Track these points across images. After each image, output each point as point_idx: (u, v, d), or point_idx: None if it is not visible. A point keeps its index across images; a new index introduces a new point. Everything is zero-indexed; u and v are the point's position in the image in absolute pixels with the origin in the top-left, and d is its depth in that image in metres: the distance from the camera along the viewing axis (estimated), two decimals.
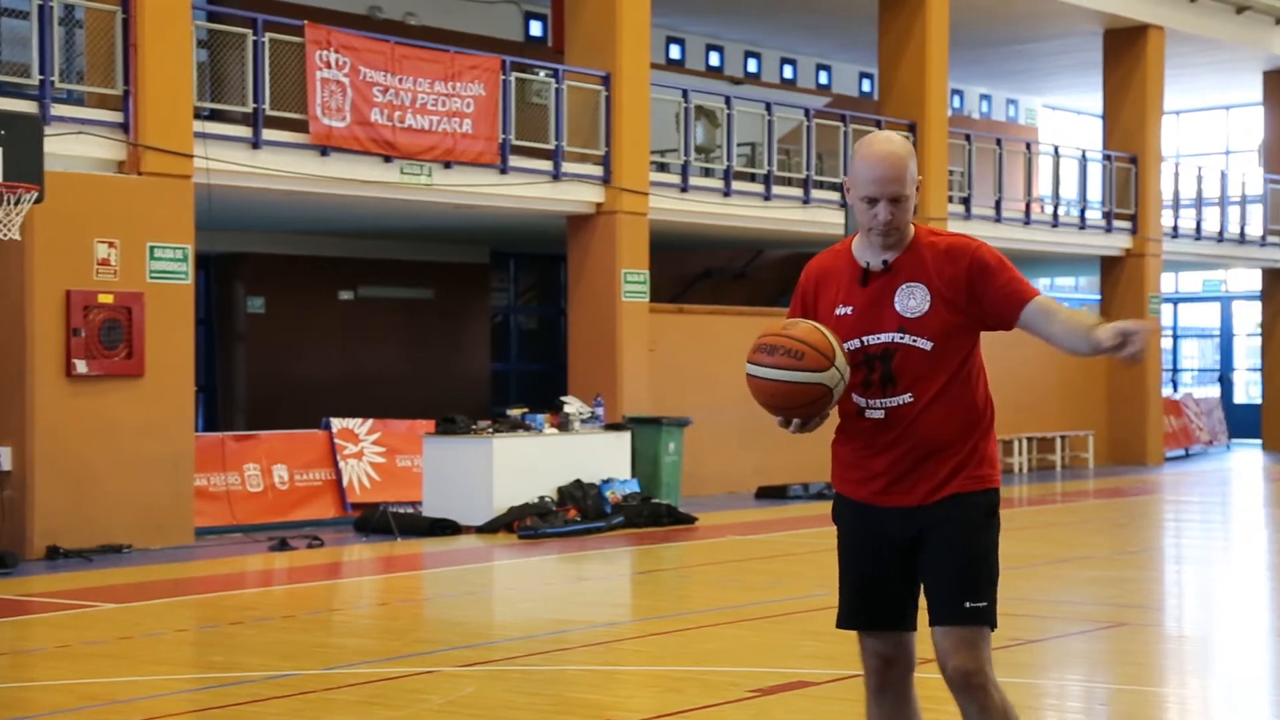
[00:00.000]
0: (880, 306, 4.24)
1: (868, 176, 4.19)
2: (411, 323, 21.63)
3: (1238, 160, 32.00)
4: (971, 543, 4.24)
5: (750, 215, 19.53)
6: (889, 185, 4.17)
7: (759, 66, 26.34)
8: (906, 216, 4.22)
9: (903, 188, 4.18)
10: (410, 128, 15.62)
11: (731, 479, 19.23)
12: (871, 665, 4.37)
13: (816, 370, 4.09)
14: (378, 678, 7.71)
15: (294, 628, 9.55)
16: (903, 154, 4.20)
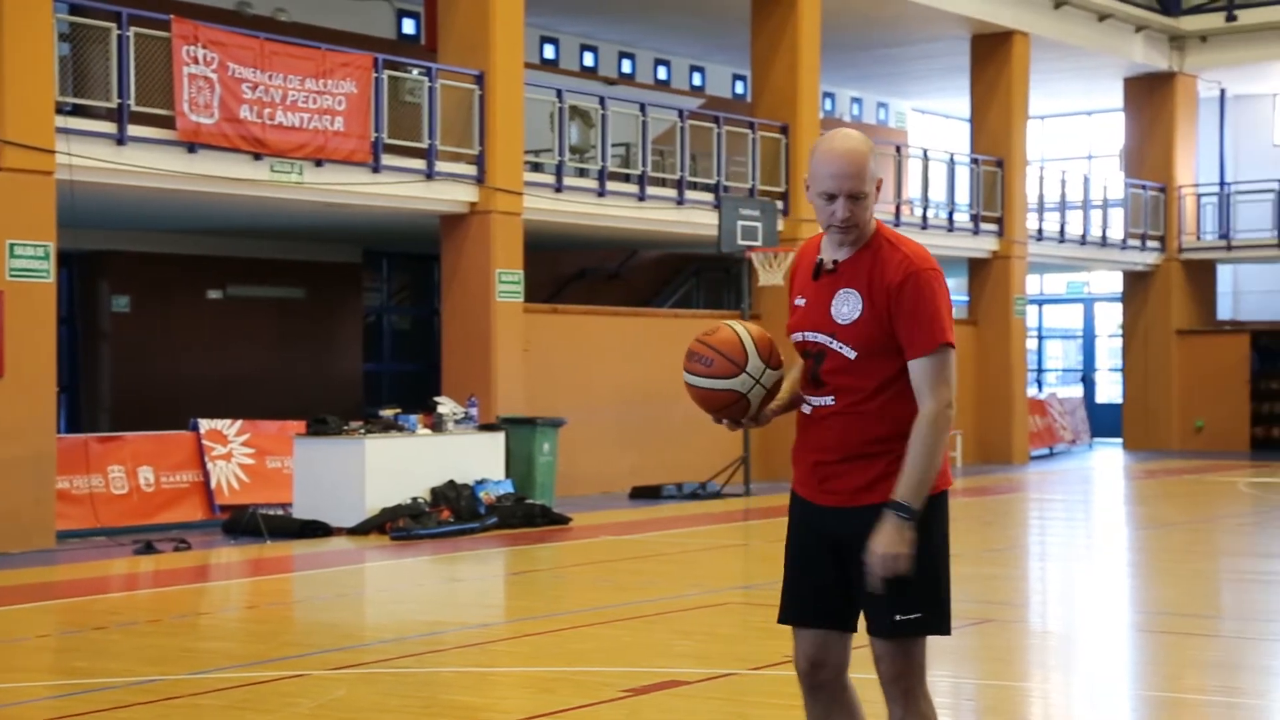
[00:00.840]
0: (821, 306, 4.23)
1: (826, 172, 4.18)
2: (282, 323, 21.36)
3: (1100, 165, 32.71)
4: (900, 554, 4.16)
5: (624, 215, 19.56)
6: (847, 181, 4.15)
7: (633, 67, 26.40)
8: (865, 215, 4.20)
9: (861, 184, 4.16)
10: (280, 125, 15.41)
11: (606, 479, 19.24)
12: (800, 666, 4.34)
13: (724, 377, 4.20)
14: (246, 682, 7.60)
15: (160, 632, 9.38)
16: (863, 150, 4.18)
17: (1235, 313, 31.50)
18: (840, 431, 4.20)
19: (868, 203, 4.20)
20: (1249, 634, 9.31)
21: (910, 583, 4.13)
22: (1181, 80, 28.98)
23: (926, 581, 4.18)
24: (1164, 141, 29.17)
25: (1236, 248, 29.23)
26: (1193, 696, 7.46)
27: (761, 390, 4.20)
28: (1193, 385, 28.76)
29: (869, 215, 4.23)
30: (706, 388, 4.23)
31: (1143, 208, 28.68)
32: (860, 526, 4.16)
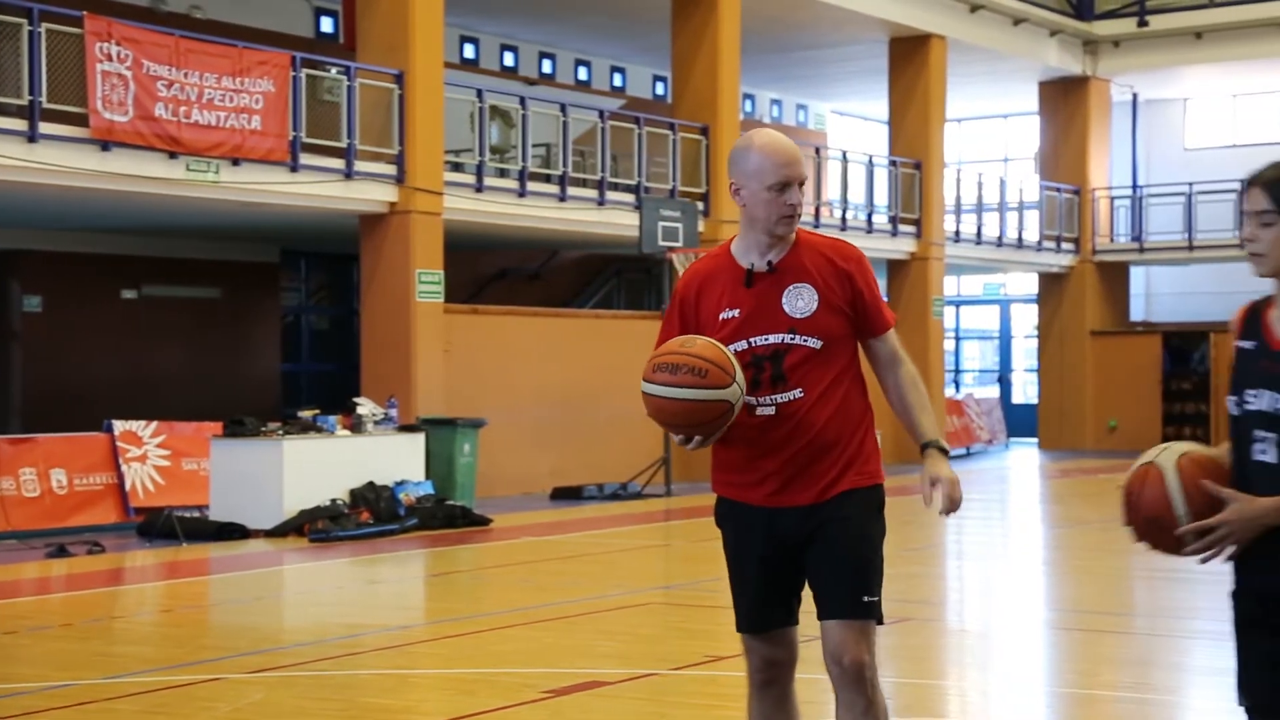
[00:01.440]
0: (768, 307, 4.22)
1: (776, 162, 4.22)
2: (198, 323, 21.13)
3: (1015, 168, 33.08)
4: (864, 537, 4.26)
5: (545, 216, 19.53)
6: (797, 167, 4.24)
7: (554, 68, 26.37)
8: (800, 198, 4.30)
9: (799, 171, 4.26)
10: (196, 123, 15.25)
11: (527, 480, 19.20)
12: (756, 664, 4.34)
13: (720, 387, 4.04)
14: (162, 686, 7.51)
15: (72, 636, 9.25)
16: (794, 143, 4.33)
17: (1147, 314, 31.97)
18: (813, 424, 4.21)
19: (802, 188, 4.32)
20: (1160, 631, 9.44)
21: (872, 564, 4.24)
22: (1095, 84, 29.37)
23: (881, 566, 4.29)
24: (1078, 145, 29.55)
25: (1149, 250, 29.67)
26: (1106, 693, 7.56)
27: (742, 401, 4.12)
28: (1106, 386, 29.15)
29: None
30: (700, 399, 4.03)
31: (1057, 210, 29.03)
32: (820, 520, 4.22)
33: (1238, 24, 27.65)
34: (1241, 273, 32.39)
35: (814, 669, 4.34)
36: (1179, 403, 28.71)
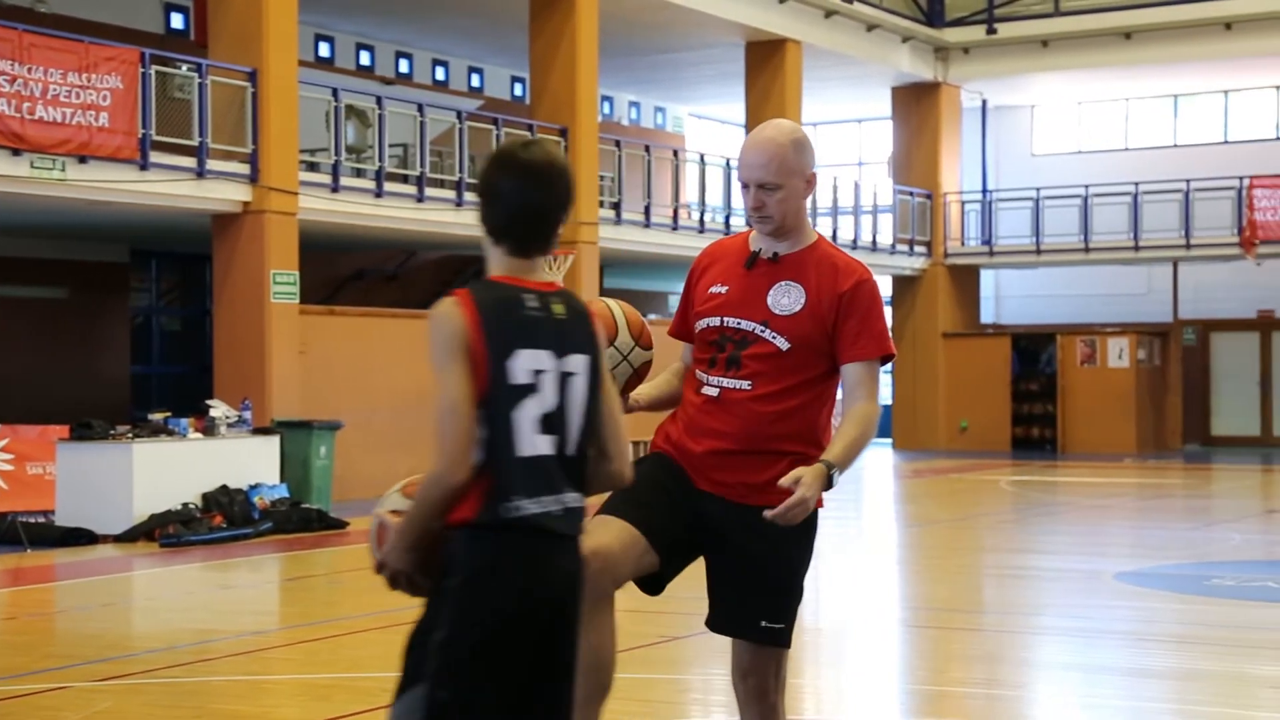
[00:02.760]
0: (753, 294, 4.17)
1: (741, 160, 4.21)
2: (44, 324, 20.63)
3: (869, 171, 33.57)
4: (783, 560, 4.18)
5: (403, 217, 19.38)
6: (757, 170, 4.15)
7: (410, 67, 26.19)
8: (784, 207, 4.17)
9: (770, 175, 4.14)
10: (41, 120, 14.89)
11: (384, 483, 18.86)
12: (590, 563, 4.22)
13: None
14: (5, 696, 7.31)
15: None
16: (781, 141, 4.16)
17: (997, 316, 32.63)
18: (749, 419, 4.12)
19: (784, 195, 4.17)
20: (1009, 627, 9.64)
21: (787, 589, 4.16)
22: (946, 90, 29.91)
23: (797, 591, 4.21)
24: (930, 149, 30.07)
25: (998, 253, 30.28)
26: (956, 689, 7.70)
27: (628, 368, 4.05)
28: (958, 387, 29.69)
29: (792, 209, 4.20)
30: None
31: (910, 214, 29.51)
32: (740, 524, 4.10)
33: (1083, 33, 28.36)
34: (1086, 276, 33.45)
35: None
36: (1027, 403, 29.33)
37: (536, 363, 3.26)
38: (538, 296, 3.36)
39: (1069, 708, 7.29)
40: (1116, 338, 28.62)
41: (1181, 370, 29.95)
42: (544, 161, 3.39)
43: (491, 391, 3.23)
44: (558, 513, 3.26)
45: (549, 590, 3.24)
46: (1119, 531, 15.92)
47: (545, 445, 3.25)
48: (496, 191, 3.43)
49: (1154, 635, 9.16)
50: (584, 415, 3.30)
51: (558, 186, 3.39)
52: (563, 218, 3.40)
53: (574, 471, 3.31)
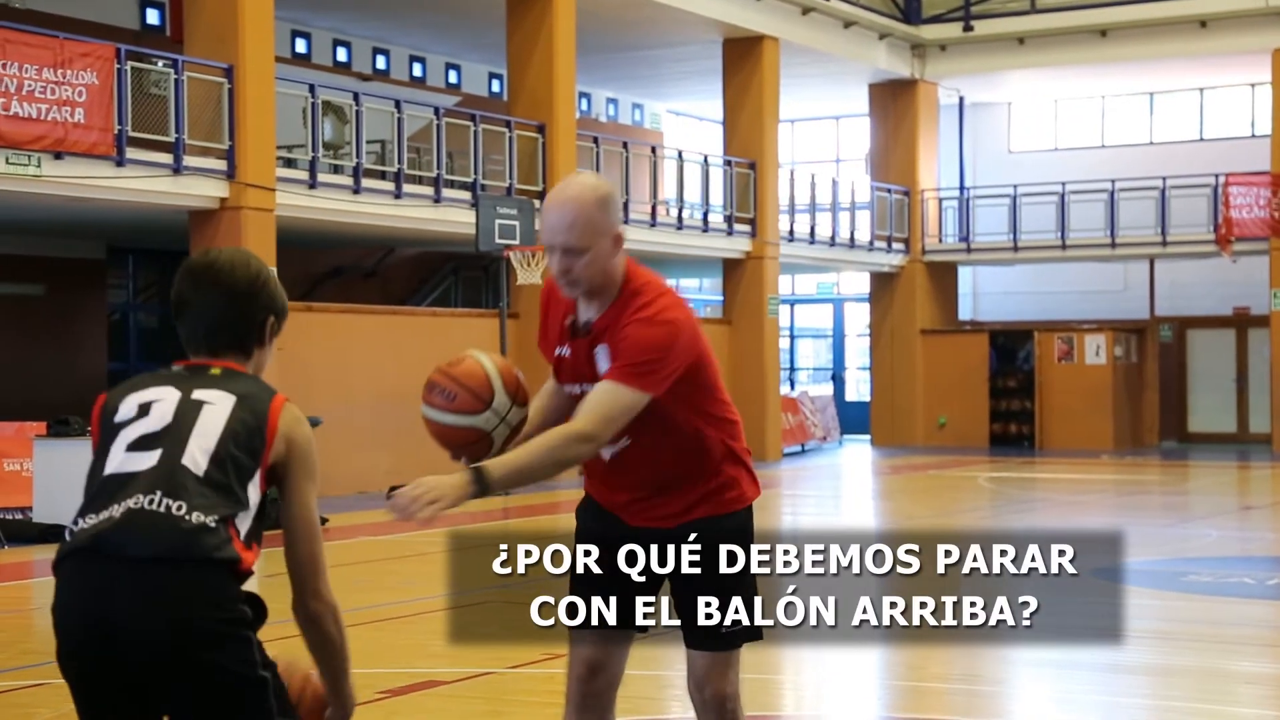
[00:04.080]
0: (583, 360, 4.08)
1: (543, 222, 3.99)
2: (21, 320, 20.54)
3: (847, 168, 33.61)
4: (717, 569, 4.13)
5: (380, 213, 19.34)
6: (559, 234, 3.93)
7: (388, 64, 26.13)
8: (591, 270, 3.94)
9: (575, 239, 3.91)
10: (16, 116, 14.81)
11: (363, 479, 19.00)
12: (576, 672, 4.20)
13: (469, 414, 3.92)
14: None
15: None
16: (585, 200, 3.93)
17: (975, 313, 32.71)
18: (645, 470, 4.09)
19: (591, 258, 3.94)
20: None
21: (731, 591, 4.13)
22: (923, 87, 29.96)
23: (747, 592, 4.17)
24: (907, 146, 30.11)
25: (976, 250, 30.34)
26: (936, 685, 7.71)
27: (506, 429, 3.96)
28: (936, 383, 29.75)
29: (599, 271, 3.97)
30: (447, 424, 3.94)
31: (888, 211, 29.55)
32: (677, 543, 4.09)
33: (1059, 30, 28.43)
34: (1063, 273, 33.51)
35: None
36: (1005, 400, 29.41)
37: (146, 398, 3.22)
38: (186, 367, 3.33)
39: (1047, 703, 7.31)
40: (1094, 334, 28.71)
41: (1158, 367, 30.05)
42: (199, 264, 3.38)
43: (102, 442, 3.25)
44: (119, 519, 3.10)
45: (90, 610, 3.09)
46: (1097, 528, 15.96)
47: (135, 462, 3.14)
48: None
49: (1132, 631, 9.19)
50: (218, 438, 3.17)
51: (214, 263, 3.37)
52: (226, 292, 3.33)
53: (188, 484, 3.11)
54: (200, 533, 3.07)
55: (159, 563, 3.03)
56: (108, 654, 3.03)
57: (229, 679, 3.07)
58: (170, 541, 3.04)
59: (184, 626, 3.02)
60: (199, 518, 3.07)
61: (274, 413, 3.23)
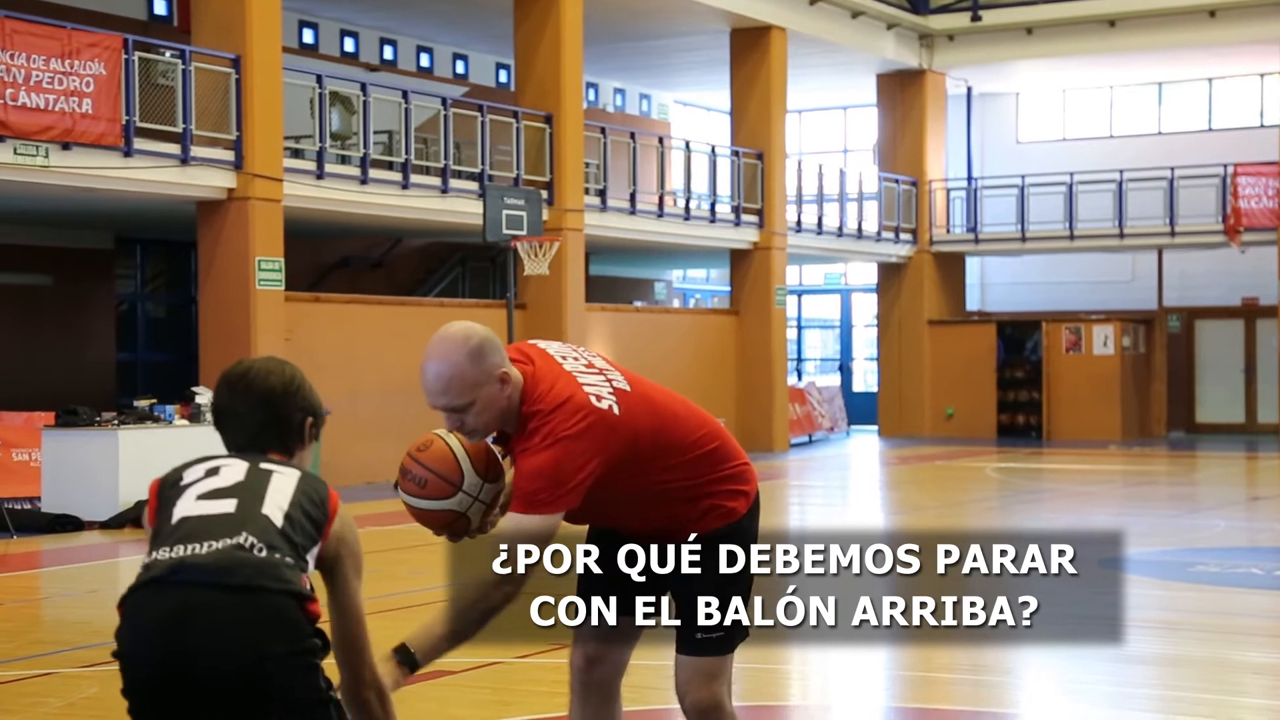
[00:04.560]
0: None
1: (423, 385, 4.01)
2: (29, 311, 20.57)
3: (855, 159, 33.58)
4: (709, 574, 4.15)
5: (388, 204, 19.35)
6: (440, 398, 3.97)
7: (395, 54, 26.13)
8: (484, 418, 3.97)
9: (454, 399, 3.94)
10: (24, 106, 14.83)
11: (371, 469, 19.02)
12: (575, 663, 4.27)
13: (441, 498, 4.01)
14: None
15: None
16: (455, 360, 3.93)
17: (983, 304, 32.68)
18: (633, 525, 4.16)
19: (479, 408, 3.96)
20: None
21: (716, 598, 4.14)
22: (931, 77, 29.92)
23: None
24: (915, 137, 30.07)
25: (984, 240, 30.31)
26: (943, 675, 7.72)
27: (481, 506, 4.04)
28: (943, 374, 29.74)
29: (496, 413, 3.98)
30: (423, 509, 4.04)
31: (895, 201, 29.52)
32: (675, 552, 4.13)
33: (1067, 20, 28.38)
34: (1070, 263, 33.40)
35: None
36: (1013, 390, 29.39)
37: (215, 464, 3.44)
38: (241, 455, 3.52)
39: (1054, 693, 7.32)
40: (1101, 325, 28.69)
41: (1166, 357, 30.02)
42: (235, 373, 3.59)
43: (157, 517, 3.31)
44: (205, 553, 3.17)
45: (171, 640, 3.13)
46: (1104, 518, 15.97)
47: (211, 508, 3.25)
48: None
49: (1138, 621, 9.20)
50: (290, 500, 3.30)
51: (250, 370, 3.58)
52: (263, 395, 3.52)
53: (270, 527, 3.23)
54: (280, 566, 3.17)
55: (240, 590, 3.10)
56: (181, 681, 3.07)
57: (299, 706, 3.13)
58: (252, 570, 3.13)
59: (261, 653, 3.08)
60: (279, 556, 3.18)
61: (333, 502, 3.40)
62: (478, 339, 3.99)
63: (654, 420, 4.10)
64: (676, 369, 24.03)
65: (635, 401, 4.07)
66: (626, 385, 4.10)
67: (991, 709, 7.07)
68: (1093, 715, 6.78)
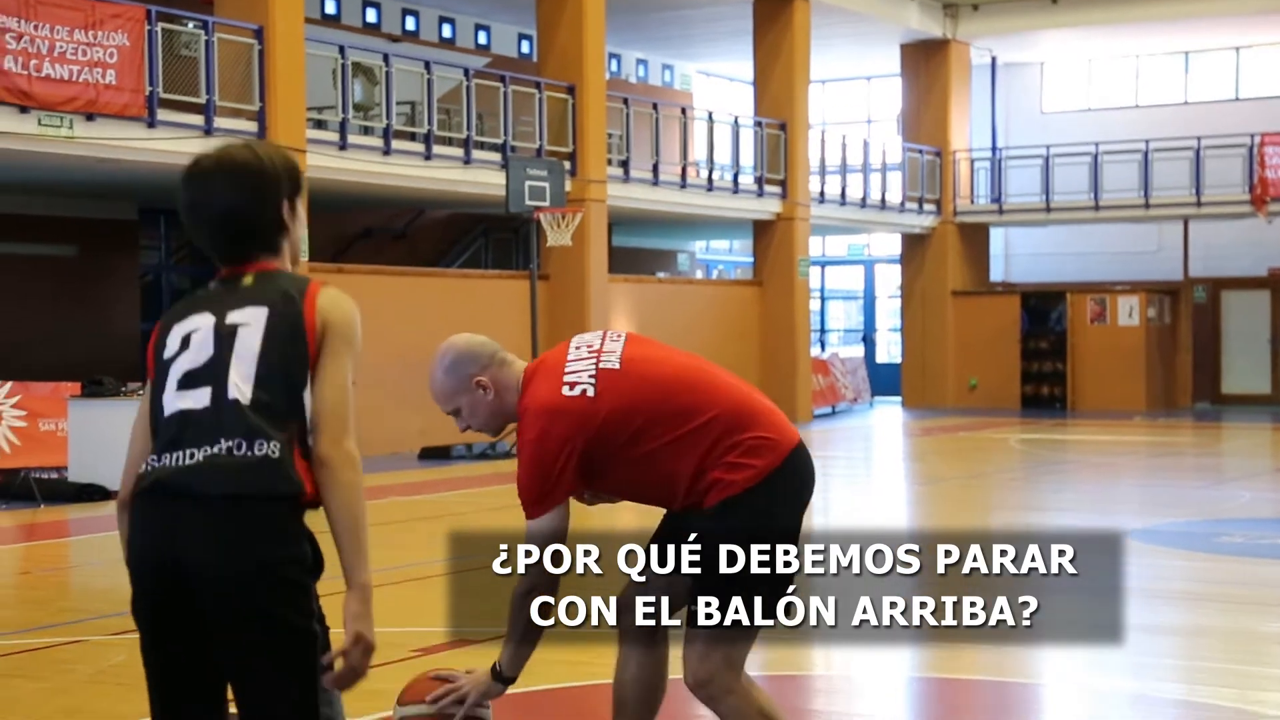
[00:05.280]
0: None
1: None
2: (53, 282, 20.65)
3: (878, 129, 33.45)
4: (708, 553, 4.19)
5: (410, 175, 19.36)
6: (443, 404, 4.44)
7: (417, 25, 26.10)
8: (476, 419, 4.40)
9: (445, 406, 4.43)
10: (48, 77, 14.88)
11: (395, 440, 19.10)
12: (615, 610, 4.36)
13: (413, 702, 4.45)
14: (20, 649, 7.37)
15: None
16: (436, 376, 4.42)
17: (1007, 275, 32.58)
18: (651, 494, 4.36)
19: (468, 411, 4.41)
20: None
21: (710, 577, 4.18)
22: (955, 47, 29.77)
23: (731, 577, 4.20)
24: (939, 107, 29.95)
25: (1008, 211, 30.20)
26: (967, 645, 7.73)
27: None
28: (967, 345, 29.68)
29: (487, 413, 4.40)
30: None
31: (919, 171, 29.42)
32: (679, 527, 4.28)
33: None
34: (1096, 234, 33.24)
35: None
36: (1037, 361, 29.32)
37: (186, 329, 3.25)
38: (222, 281, 3.35)
39: (1076, 663, 7.33)
40: (1127, 296, 28.58)
41: (1192, 328, 29.90)
42: (199, 166, 3.40)
43: (156, 374, 3.28)
44: (188, 465, 3.12)
45: (161, 549, 3.12)
46: (1129, 489, 15.95)
47: (188, 400, 3.18)
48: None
49: (1162, 592, 9.20)
50: (257, 360, 3.19)
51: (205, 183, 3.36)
52: (221, 216, 3.32)
53: (242, 417, 3.14)
54: (262, 467, 3.11)
55: (224, 500, 3.09)
56: (175, 591, 3.10)
57: (285, 628, 3.12)
58: (234, 479, 3.09)
59: (248, 565, 3.08)
60: (260, 449, 3.12)
61: (309, 306, 3.26)
62: (454, 353, 4.42)
63: (645, 395, 4.23)
64: (699, 340, 24.02)
65: (621, 379, 4.24)
66: (616, 364, 4.26)
67: (1015, 678, 7.08)
68: (1115, 685, 6.80)
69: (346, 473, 3.24)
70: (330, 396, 3.24)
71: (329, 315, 3.28)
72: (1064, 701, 6.71)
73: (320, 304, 3.28)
